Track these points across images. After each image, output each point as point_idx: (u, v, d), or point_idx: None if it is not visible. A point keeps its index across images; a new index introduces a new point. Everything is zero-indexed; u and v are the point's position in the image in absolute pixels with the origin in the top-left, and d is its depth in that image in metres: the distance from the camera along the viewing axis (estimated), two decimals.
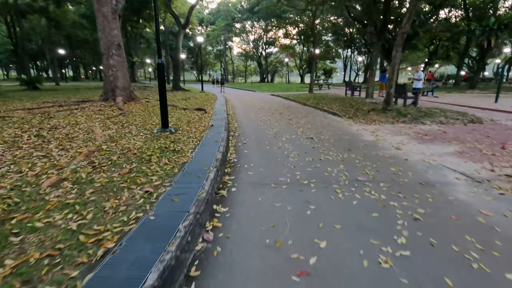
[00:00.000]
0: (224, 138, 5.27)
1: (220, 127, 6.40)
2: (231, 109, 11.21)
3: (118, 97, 9.38)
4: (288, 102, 14.30)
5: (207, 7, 59.26)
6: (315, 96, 16.61)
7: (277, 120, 8.47)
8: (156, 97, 14.92)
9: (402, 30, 8.39)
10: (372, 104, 11.68)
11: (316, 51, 19.94)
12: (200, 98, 14.37)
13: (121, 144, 4.48)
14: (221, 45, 57.93)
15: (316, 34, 19.18)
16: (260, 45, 54.98)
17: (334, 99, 14.26)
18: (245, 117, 9.00)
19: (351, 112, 9.65)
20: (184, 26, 21.03)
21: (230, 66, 67.11)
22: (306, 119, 8.61)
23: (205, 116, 8.04)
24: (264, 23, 52.02)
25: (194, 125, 6.57)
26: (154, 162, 3.69)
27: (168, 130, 5.41)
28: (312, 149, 5.13)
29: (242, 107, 11.90)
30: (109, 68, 9.40)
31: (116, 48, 9.30)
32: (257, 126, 7.51)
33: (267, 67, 57.06)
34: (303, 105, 12.89)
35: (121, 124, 6.22)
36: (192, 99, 13.86)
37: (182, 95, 16.73)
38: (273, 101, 14.80)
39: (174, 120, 6.93)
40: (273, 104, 13.14)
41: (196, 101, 12.58)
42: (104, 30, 9.12)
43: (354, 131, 6.82)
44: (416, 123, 7.80)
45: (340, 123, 7.97)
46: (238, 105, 12.65)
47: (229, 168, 4.09)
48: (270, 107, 11.83)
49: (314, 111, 10.66)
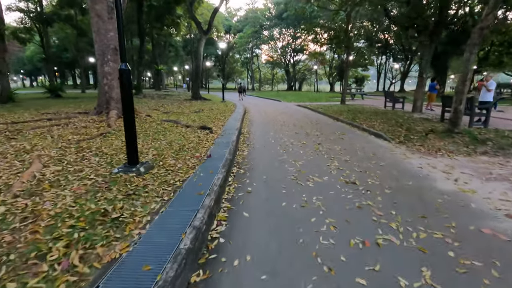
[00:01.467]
0: (218, 185, 3.38)
1: (220, 158, 4.53)
2: (247, 125, 9.34)
3: (112, 110, 7.92)
4: (317, 116, 12.18)
5: (235, 14, 58.84)
6: (348, 108, 14.30)
7: (303, 145, 6.44)
8: (170, 107, 13.53)
9: (481, 25, 6.04)
10: (426, 121, 9.23)
11: (349, 57, 17.65)
12: (216, 110, 12.72)
13: (39, 201, 2.74)
14: (248, 52, 56.98)
15: (351, 38, 16.91)
16: (288, 52, 53.19)
17: (373, 113, 11.91)
18: (261, 139, 7.07)
19: (401, 133, 7.35)
20: (206, 31, 19.77)
21: (257, 74, 65.95)
22: (341, 144, 6.49)
23: (208, 138, 6.23)
24: (293, 30, 50.27)
25: (185, 155, 4.76)
26: (47, 262, 1.87)
27: (135, 170, 3.61)
28: (358, 213, 3.06)
29: (261, 123, 10.01)
30: (103, 76, 7.99)
31: (112, 52, 7.88)
32: (274, 155, 5.54)
33: (295, 75, 54.96)
34: (335, 120, 10.71)
35: (87, 152, 4.57)
36: (206, 111, 12.23)
37: (198, 105, 15.23)
38: (300, 114, 12.76)
39: (160, 147, 5.17)
40: (299, 118, 11.11)
41: (209, 114, 10.91)
42: (98, 31, 7.75)
43: (416, 170, 4.60)
44: (509, 156, 5.37)
45: (390, 152, 5.75)
46: (257, 120, 10.77)
47: (204, 273, 2.15)
48: (295, 123, 9.81)
49: (350, 130, 8.47)
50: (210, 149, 5.26)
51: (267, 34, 53.92)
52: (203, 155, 4.77)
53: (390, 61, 52.83)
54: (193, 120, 8.86)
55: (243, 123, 9.68)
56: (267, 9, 53.25)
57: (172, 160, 4.38)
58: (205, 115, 10.44)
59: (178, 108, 13.34)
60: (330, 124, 9.70)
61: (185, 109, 13.11)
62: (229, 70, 67.11)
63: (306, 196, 3.47)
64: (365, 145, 6.39)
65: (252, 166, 4.68)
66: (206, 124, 8.27)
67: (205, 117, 9.98)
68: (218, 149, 5.22)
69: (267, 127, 8.84)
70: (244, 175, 4.23)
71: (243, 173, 4.31)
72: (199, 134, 6.62)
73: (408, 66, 42.68)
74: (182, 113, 11.07)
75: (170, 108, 13.44)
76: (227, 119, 9.79)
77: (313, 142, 6.70)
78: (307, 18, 29.42)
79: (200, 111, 11.84)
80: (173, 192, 3.16)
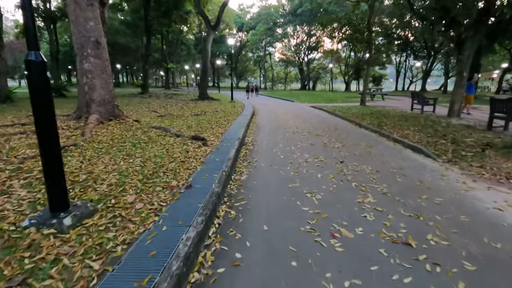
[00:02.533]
0: (182, 257, 1.99)
1: (204, 191, 3.15)
2: (253, 132, 7.94)
3: (92, 114, 6.70)
4: (335, 120, 10.62)
5: (248, 11, 57.48)
6: (371, 111, 12.65)
7: (320, 163, 4.97)
8: (170, 109, 12.33)
9: None
10: (471, 130, 7.54)
11: (369, 54, 15.93)
12: (221, 112, 11.38)
13: None
14: (261, 51, 55.50)
15: (372, 32, 15.18)
16: (302, 50, 51.35)
17: (401, 117, 10.24)
18: (268, 153, 5.65)
19: (446, 147, 5.75)
20: (215, 27, 18.49)
21: (270, 73, 64.37)
22: (370, 162, 4.98)
23: (199, 153, 4.87)
24: (307, 27, 48.42)
25: (156, 183, 3.40)
26: None
27: (55, 223, 2.27)
28: None
29: (270, 129, 8.58)
30: (83, 75, 6.78)
31: (92, 46, 6.65)
32: (282, 181, 4.12)
33: (309, 74, 53.04)
34: (358, 126, 9.14)
35: (21, 178, 3.31)
36: (209, 113, 10.91)
37: (203, 107, 13.95)
38: (315, 118, 11.23)
39: (128, 169, 3.83)
40: (315, 124, 9.60)
41: (210, 118, 9.58)
42: (76, 21, 6.53)
43: (495, 214, 3.06)
44: None
45: (442, 178, 4.20)
46: (266, 125, 9.35)
47: None
48: (310, 130, 8.33)
49: (378, 141, 6.91)
50: (196, 172, 3.89)
51: (280, 31, 52.29)
52: (181, 185, 3.40)
53: (410, 59, 50.07)
54: (189, 126, 7.53)
55: (249, 129, 8.28)
56: (280, 5, 51.62)
57: (132, 194, 3.03)
58: (206, 119, 9.11)
59: (179, 110, 12.10)
60: (352, 132, 8.15)
61: (187, 111, 11.85)
62: (242, 68, 65.86)
63: (332, 278, 2.03)
64: (403, 165, 4.86)
65: (249, 204, 3.26)
66: (203, 131, 6.93)
67: (205, 121, 8.64)
68: (206, 172, 3.85)
69: (276, 136, 7.40)
70: (234, 224, 2.81)
71: (233, 219, 2.90)
72: (189, 147, 5.26)
73: (431, 64, 40.04)
74: (181, 116, 9.79)
75: (171, 109, 12.22)
76: (231, 124, 8.41)
77: (333, 158, 5.22)
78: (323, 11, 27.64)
79: (202, 114, 10.52)
80: (97, 277, 1.80)
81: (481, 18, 8.80)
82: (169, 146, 5.16)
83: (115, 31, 42.71)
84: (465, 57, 9.47)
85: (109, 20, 41.00)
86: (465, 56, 9.46)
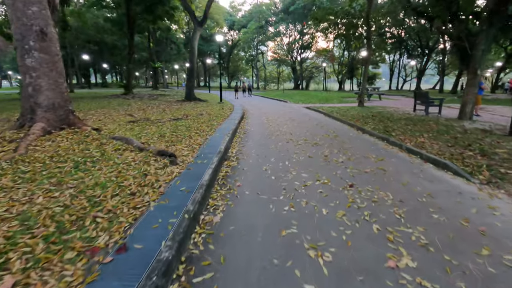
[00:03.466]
0: None
1: (145, 257, 1.91)
2: (239, 142, 6.69)
3: (38, 122, 5.37)
4: (334, 124, 9.47)
5: (240, 9, 56.12)
6: (372, 113, 11.54)
7: (324, 187, 3.77)
8: (150, 112, 11.02)
9: None
10: (492, 136, 6.44)
11: (368, 51, 14.84)
12: (206, 116, 10.12)
13: None
14: (253, 50, 54.20)
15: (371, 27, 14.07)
16: (295, 48, 50.27)
17: (407, 120, 9.14)
18: (255, 174, 4.42)
19: (476, 160, 4.61)
20: (201, 23, 17.18)
21: (262, 72, 63.15)
22: (388, 186, 3.79)
23: (160, 178, 3.59)
24: (300, 26, 47.34)
25: (68, 245, 2.14)
26: None
27: None
28: None
29: (261, 136, 7.36)
30: (25, 73, 5.45)
31: (36, 37, 5.33)
32: (273, 225, 2.90)
33: (302, 73, 51.99)
34: (360, 131, 7.99)
35: None
36: (192, 117, 9.62)
37: (187, 109, 12.65)
38: (311, 121, 10.06)
39: (52, 205, 2.56)
40: (312, 128, 8.42)
41: (191, 123, 8.30)
42: (14, 5, 5.20)
43: None
44: None
45: (492, 214, 3.04)
46: (256, 131, 8.13)
47: None
48: (307, 136, 7.14)
49: (388, 152, 5.75)
50: (145, 214, 2.64)
51: (272, 30, 51.11)
52: (112, 244, 2.15)
53: (403, 58, 49.42)
54: (162, 135, 6.24)
55: (236, 137, 7.05)
56: (272, 3, 50.45)
57: (16, 273, 1.78)
58: (186, 125, 7.82)
59: (160, 113, 10.78)
60: (355, 139, 6.99)
61: (168, 114, 10.54)
62: (233, 68, 64.38)
63: None
64: (431, 188, 3.69)
65: (218, 280, 2.03)
66: (178, 141, 5.66)
67: (184, 128, 7.36)
68: (160, 215, 2.60)
69: (267, 145, 6.18)
70: None
71: None
72: (150, 167, 4.00)
73: (425, 63, 39.37)
74: (158, 121, 8.49)
75: (150, 113, 10.89)
76: (214, 130, 7.17)
77: (339, 180, 4.02)
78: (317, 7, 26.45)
79: (183, 118, 9.23)
80: None
81: (499, 8, 7.74)
82: (123, 167, 3.88)
83: (101, 29, 40.92)
84: (479, 52, 8.42)
85: (94, 18, 39.27)
86: (478, 52, 8.41)
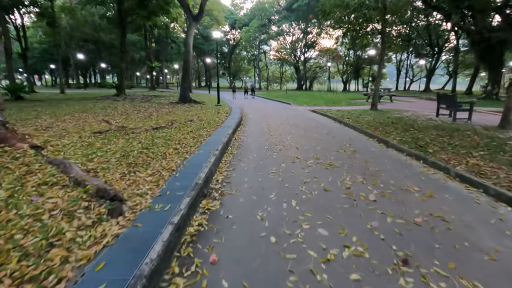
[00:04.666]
0: None
1: None
2: (229, 162, 5.13)
3: None
4: (348, 133, 7.89)
5: (242, 7, 54.57)
6: (390, 118, 9.95)
7: (363, 272, 2.23)
8: (134, 117, 9.54)
9: None
10: None
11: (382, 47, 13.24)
12: (197, 122, 8.59)
13: None
14: (255, 49, 52.61)
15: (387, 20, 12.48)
16: (298, 47, 48.65)
17: (437, 129, 7.54)
18: (245, 231, 2.88)
19: None
20: (197, 17, 15.66)
21: (265, 72, 61.57)
22: (468, 265, 2.25)
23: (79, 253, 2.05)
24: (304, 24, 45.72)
25: None
26: None
27: None
28: None
29: (259, 150, 5.80)
30: None
31: None
32: None
33: (306, 73, 50.33)
34: (383, 144, 6.40)
35: None
36: (178, 125, 8.07)
37: (178, 113, 11.12)
38: (320, 129, 8.49)
39: None
40: (322, 140, 6.85)
41: (176, 133, 6.76)
42: None
43: None
44: None
45: None
46: (253, 144, 6.57)
47: None
48: (317, 152, 5.57)
49: (430, 178, 4.14)
50: None
51: (275, 29, 49.54)
52: None
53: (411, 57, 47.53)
54: (125, 155, 4.67)
55: (226, 154, 5.50)
56: (275, 1, 48.86)
57: None
58: (166, 137, 6.28)
59: (143, 119, 9.28)
60: (381, 157, 5.40)
61: (152, 120, 9.03)
62: (235, 68, 62.79)
63: None
64: None
65: None
66: (144, 165, 4.12)
67: (162, 141, 5.82)
68: None
69: (266, 169, 4.60)
70: None
71: None
72: (72, 223, 2.45)
73: (435, 62, 37.55)
74: (134, 131, 6.96)
75: (132, 118, 9.38)
76: (201, 144, 5.62)
77: (382, 247, 2.46)
78: None
79: (167, 126, 7.70)
80: None
81: None
82: (26, 224, 2.35)
83: (98, 27, 39.58)
84: None
85: (90, 16, 37.90)
86: None
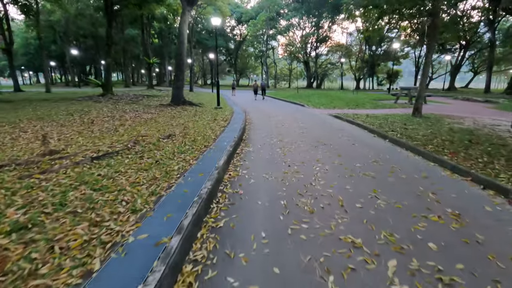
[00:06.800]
0: None
1: None
2: (223, 217, 2.40)
3: None
4: (408, 159, 5.04)
5: (249, 1, 51.60)
6: (460, 134, 7.05)
7: None
8: (94, 132, 6.87)
9: None
10: None
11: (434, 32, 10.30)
12: (180, 138, 5.88)
13: None
14: (263, 45, 49.61)
15: None
16: (309, 42, 45.48)
17: None
18: None
19: None
20: (192, 1, 12.96)
21: (273, 69, 58.54)
22: None
23: None
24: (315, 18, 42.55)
25: None
26: None
27: None
28: None
29: (269, 200, 3.05)
30: None
31: None
32: None
33: (316, 70, 47.17)
34: (494, 193, 3.60)
35: None
36: (147, 146, 5.39)
37: (162, 121, 8.41)
38: (359, 147, 5.65)
39: None
40: (376, 175, 4.06)
41: (126, 171, 4.09)
42: None
43: None
44: None
45: None
46: (260, 181, 3.81)
47: None
48: (379, 215, 2.82)
49: None
50: None
51: (284, 24, 46.45)
52: None
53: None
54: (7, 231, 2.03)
55: (207, 224, 2.76)
56: None
57: None
58: (104, 179, 3.57)
59: (107, 133, 6.61)
60: (499, 225, 2.61)
61: (114, 135, 6.33)
62: (242, 65, 59.91)
63: None
64: None
65: None
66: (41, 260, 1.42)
67: (91, 194, 3.13)
68: None
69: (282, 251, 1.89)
70: None
71: None
72: None
73: (462, 58, 34.00)
74: (69, 157, 4.28)
75: (96, 130, 6.71)
76: (175, 184, 2.92)
77: None
78: None
79: (123, 151, 5.00)
80: None
81: None
82: None
83: (96, 21, 37.21)
84: None
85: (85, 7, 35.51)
86: None
